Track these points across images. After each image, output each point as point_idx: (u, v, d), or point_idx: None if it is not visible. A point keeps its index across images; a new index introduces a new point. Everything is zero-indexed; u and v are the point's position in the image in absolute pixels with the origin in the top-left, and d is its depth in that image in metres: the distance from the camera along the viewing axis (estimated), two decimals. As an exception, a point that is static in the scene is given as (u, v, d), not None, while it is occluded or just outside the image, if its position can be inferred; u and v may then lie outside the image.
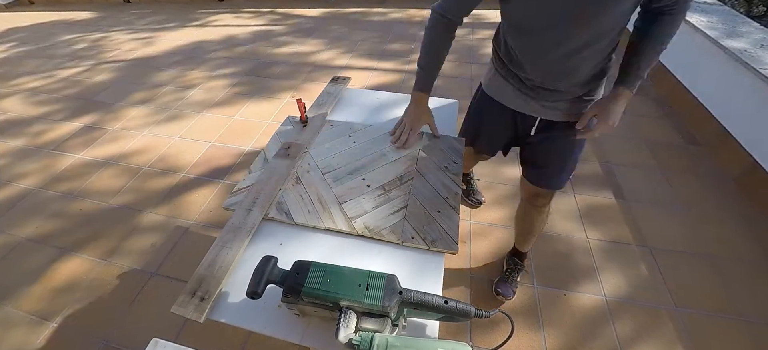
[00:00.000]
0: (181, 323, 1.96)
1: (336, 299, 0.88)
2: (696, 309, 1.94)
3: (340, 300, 0.87)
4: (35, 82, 4.68)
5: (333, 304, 0.88)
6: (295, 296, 0.91)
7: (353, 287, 0.89)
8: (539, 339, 1.86)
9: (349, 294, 0.88)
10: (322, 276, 0.92)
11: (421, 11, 6.09)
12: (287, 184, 1.40)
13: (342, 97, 1.94)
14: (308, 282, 0.91)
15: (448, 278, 2.09)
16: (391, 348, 0.81)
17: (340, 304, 0.88)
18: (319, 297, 0.88)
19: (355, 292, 0.88)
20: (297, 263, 0.98)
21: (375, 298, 0.87)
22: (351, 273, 0.93)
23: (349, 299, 0.87)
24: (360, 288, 0.89)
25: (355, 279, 0.91)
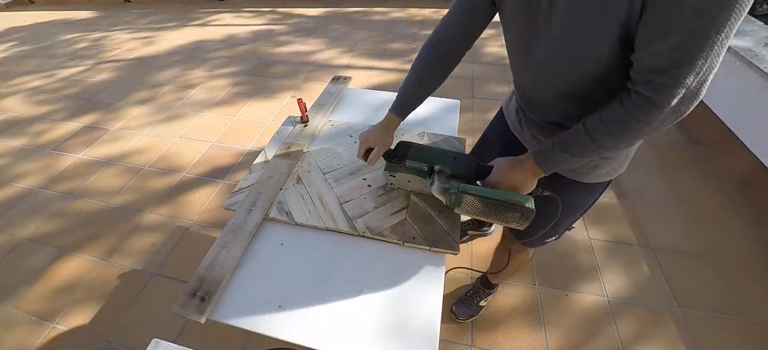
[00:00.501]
0: (181, 323, 1.95)
1: (432, 164, 1.21)
2: (698, 310, 1.94)
3: (435, 165, 1.20)
4: (36, 81, 4.67)
5: (427, 169, 1.22)
6: (399, 161, 1.26)
7: (445, 157, 1.21)
8: (541, 339, 1.86)
9: (442, 161, 1.20)
10: (421, 150, 1.27)
11: (421, 10, 6.08)
12: (288, 184, 1.39)
13: (343, 97, 1.94)
14: (412, 153, 1.25)
15: (450, 278, 2.09)
16: (475, 190, 1.04)
17: (434, 169, 1.20)
18: (421, 160, 1.23)
19: (448, 161, 1.20)
20: (400, 142, 1.32)
21: (461, 166, 1.18)
22: (442, 150, 1.27)
23: (441, 164, 1.20)
24: (449, 158, 1.20)
25: (445, 153, 1.24)
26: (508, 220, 1.04)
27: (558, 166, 1.02)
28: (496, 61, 4.34)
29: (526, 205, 0.98)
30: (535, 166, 1.05)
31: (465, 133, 3.11)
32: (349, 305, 1.05)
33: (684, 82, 0.76)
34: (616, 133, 0.89)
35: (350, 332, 0.99)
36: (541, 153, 1.03)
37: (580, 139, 0.95)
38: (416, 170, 1.24)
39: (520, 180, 1.08)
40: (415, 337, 0.98)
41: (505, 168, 1.11)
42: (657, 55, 0.76)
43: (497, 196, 1.01)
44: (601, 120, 0.90)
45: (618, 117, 0.88)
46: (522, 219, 1.02)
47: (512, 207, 1.00)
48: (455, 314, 1.94)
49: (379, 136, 1.29)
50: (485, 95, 3.69)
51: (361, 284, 1.10)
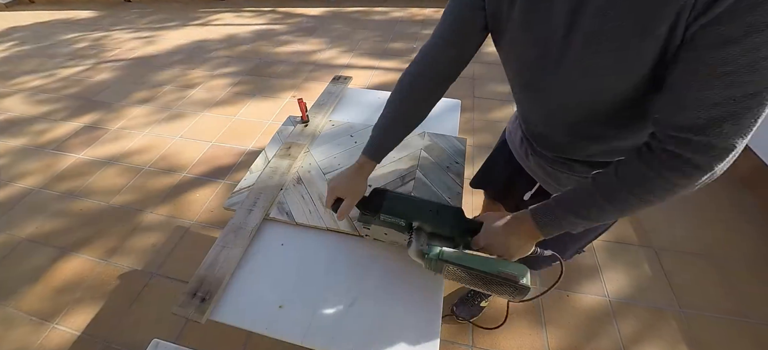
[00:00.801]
0: (182, 323, 1.95)
1: (410, 219, 1.03)
2: (700, 310, 1.93)
3: (413, 220, 1.03)
4: (36, 81, 4.67)
5: (405, 224, 1.04)
6: (372, 214, 1.07)
7: (425, 212, 1.04)
8: (542, 340, 1.85)
9: (421, 216, 1.02)
10: (397, 201, 1.08)
11: (422, 10, 6.08)
12: (288, 184, 1.39)
13: (343, 97, 1.93)
14: (387, 205, 1.06)
15: (450, 278, 2.08)
16: (457, 258, 0.89)
17: (412, 225, 1.03)
18: (396, 215, 1.04)
19: (428, 216, 1.02)
20: (374, 189, 1.14)
21: (444, 223, 1.01)
22: (422, 202, 1.09)
23: (420, 221, 1.02)
24: (431, 212, 1.03)
25: (426, 206, 1.06)
26: (498, 293, 0.88)
27: (562, 228, 0.85)
28: (496, 60, 4.32)
29: (519, 282, 0.84)
30: (534, 230, 0.89)
31: (466, 133, 3.11)
32: (349, 305, 1.04)
33: (726, 141, 0.63)
34: (640, 193, 0.74)
35: (351, 332, 0.98)
36: (542, 213, 0.88)
37: (592, 199, 0.80)
38: (392, 224, 1.06)
39: (514, 246, 0.91)
40: (416, 337, 0.97)
41: (497, 229, 0.94)
42: (698, 108, 0.63)
43: (484, 268, 0.86)
44: (619, 177, 0.76)
45: (640, 175, 0.74)
46: (515, 295, 0.86)
47: (503, 282, 0.85)
48: (456, 314, 1.93)
49: (349, 185, 1.11)
50: (486, 95, 3.69)
51: (361, 284, 1.09)
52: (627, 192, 0.75)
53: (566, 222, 0.84)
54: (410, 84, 1.07)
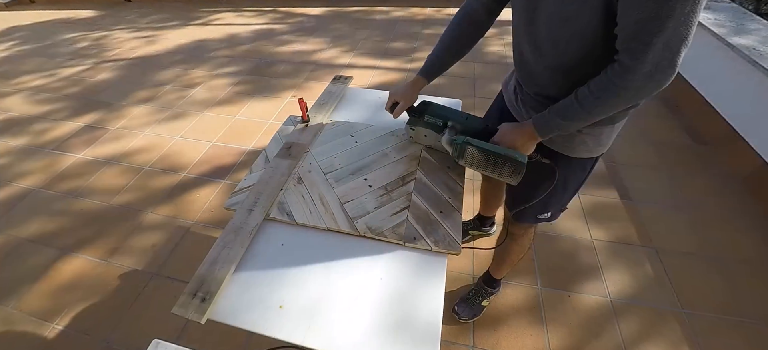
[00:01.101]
0: (182, 324, 1.95)
1: (445, 120, 1.38)
2: (703, 311, 1.92)
3: (448, 120, 1.38)
4: (37, 80, 4.67)
5: (442, 124, 1.40)
6: (419, 116, 1.44)
7: (457, 115, 1.39)
8: (543, 340, 1.85)
9: (455, 118, 1.38)
10: (438, 107, 1.43)
11: (423, 9, 6.07)
12: (289, 184, 1.39)
13: (344, 97, 1.93)
14: (430, 109, 1.42)
15: (451, 279, 2.08)
16: (477, 143, 1.20)
17: (447, 124, 1.37)
18: (436, 116, 1.41)
19: (459, 118, 1.38)
20: (423, 100, 1.51)
21: (470, 124, 1.35)
22: (456, 110, 1.43)
23: (453, 121, 1.37)
24: (462, 117, 1.38)
25: (458, 113, 1.41)
26: (502, 173, 1.18)
27: (553, 130, 1.13)
28: (498, 60, 4.33)
29: (517, 159, 1.14)
30: (533, 130, 1.16)
31: (467, 133, 3.10)
32: (350, 305, 1.04)
33: (653, 45, 0.85)
34: (601, 98, 0.99)
35: (351, 332, 0.98)
36: (539, 118, 1.15)
37: (572, 105, 1.05)
38: (432, 125, 1.42)
39: (519, 142, 1.20)
40: (416, 338, 0.97)
41: (508, 130, 1.24)
42: (632, 25, 0.86)
43: (495, 150, 1.17)
44: (589, 88, 1.00)
45: (602, 84, 0.97)
46: (515, 174, 1.16)
47: (507, 160, 1.15)
48: (457, 314, 1.93)
49: (405, 93, 1.43)
50: (487, 94, 3.68)
51: (362, 284, 1.09)
52: (592, 97, 1.00)
53: (554, 124, 1.11)
54: (457, 22, 1.37)
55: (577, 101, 1.03)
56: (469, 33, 1.38)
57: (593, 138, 1.23)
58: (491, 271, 1.93)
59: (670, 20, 0.81)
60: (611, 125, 1.21)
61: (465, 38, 1.39)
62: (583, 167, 1.34)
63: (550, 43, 1.08)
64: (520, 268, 2.11)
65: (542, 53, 1.13)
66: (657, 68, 0.89)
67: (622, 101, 0.98)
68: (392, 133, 1.61)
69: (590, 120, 1.06)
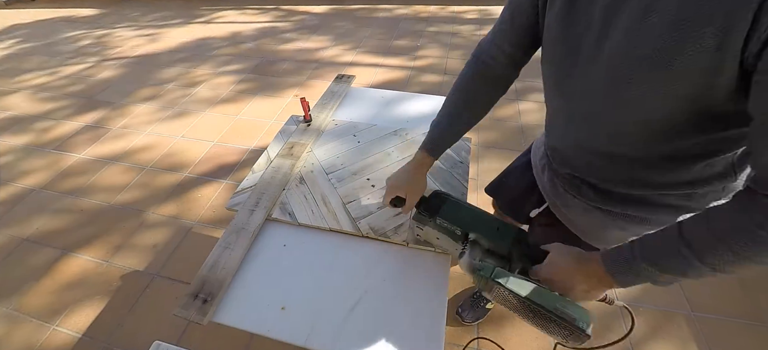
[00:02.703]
0: (183, 325, 1.93)
1: (468, 229, 0.98)
2: (714, 314, 1.89)
3: (471, 231, 0.98)
4: (39, 79, 4.67)
5: (461, 233, 1.00)
6: (430, 216, 1.03)
7: (486, 225, 0.98)
8: (547, 341, 1.83)
9: (481, 229, 0.97)
10: (458, 208, 1.04)
11: (427, 7, 6.05)
12: (291, 185, 1.38)
13: (346, 96, 1.92)
14: (445, 209, 1.03)
15: (454, 281, 2.06)
16: (512, 283, 0.80)
17: (469, 235, 0.98)
18: (455, 222, 1.00)
19: (487, 230, 0.97)
20: (435, 191, 1.11)
21: (504, 241, 0.94)
22: (484, 214, 1.03)
23: (478, 233, 0.97)
24: (492, 228, 0.97)
25: (488, 219, 1.00)
26: (549, 332, 0.81)
27: (640, 281, 0.72)
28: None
29: (577, 325, 0.75)
30: (605, 274, 0.76)
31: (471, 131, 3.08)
32: (352, 306, 1.03)
33: None
34: (735, 249, 0.60)
35: (354, 334, 0.98)
36: (615, 260, 0.75)
37: (677, 250, 0.66)
38: (447, 231, 1.03)
39: (581, 285, 0.81)
40: (420, 339, 0.97)
41: (564, 263, 0.84)
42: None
43: (541, 301, 0.77)
44: (711, 228, 0.62)
45: (740, 227, 0.59)
46: (570, 339, 0.78)
47: (558, 323, 0.76)
48: (461, 316, 1.90)
49: (411, 183, 1.09)
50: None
51: (364, 285, 1.08)
52: (722, 247, 0.60)
53: (645, 273, 0.70)
54: (468, 81, 1.03)
55: (686, 244, 0.65)
56: (487, 93, 1.04)
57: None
58: None
59: None
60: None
61: (481, 99, 1.05)
62: None
63: (591, 121, 0.80)
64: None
65: (578, 130, 0.86)
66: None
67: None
68: (395, 133, 1.60)
69: (706, 275, 0.65)
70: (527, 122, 3.22)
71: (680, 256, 0.65)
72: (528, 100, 3.47)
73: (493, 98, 1.04)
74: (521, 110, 3.37)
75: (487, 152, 2.89)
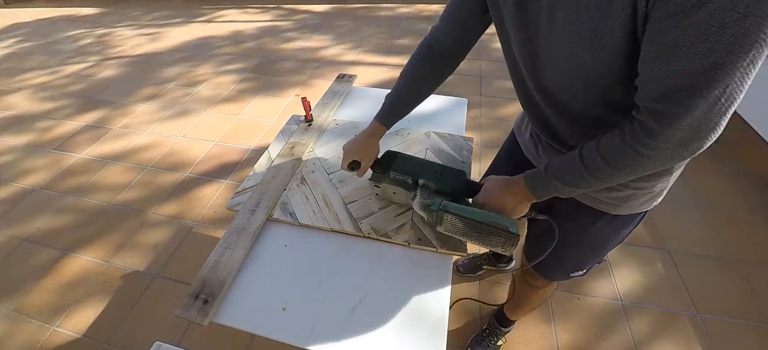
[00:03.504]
0: (184, 326, 1.93)
1: (416, 177, 1.15)
2: (719, 316, 1.88)
3: (419, 178, 1.15)
4: (40, 78, 4.67)
5: (412, 182, 1.17)
6: (383, 172, 1.21)
7: (430, 171, 1.16)
8: (552, 340, 1.82)
9: (427, 174, 1.15)
10: (406, 161, 1.21)
11: (429, 6, 6.04)
12: (292, 185, 1.37)
13: (347, 95, 1.91)
14: (396, 164, 1.20)
15: (456, 281, 2.06)
16: (456, 209, 0.99)
17: (418, 182, 1.15)
18: (405, 173, 1.17)
19: (433, 175, 1.14)
20: (387, 151, 1.27)
21: (447, 182, 1.12)
22: (429, 163, 1.21)
23: (426, 178, 1.14)
24: (435, 172, 1.15)
25: (432, 166, 1.18)
26: (491, 244, 0.97)
27: (550, 193, 0.92)
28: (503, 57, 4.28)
29: (509, 230, 0.92)
30: (525, 190, 0.95)
31: (473, 130, 3.09)
32: (354, 307, 1.03)
33: (694, 109, 0.63)
34: (612, 165, 0.78)
35: (355, 335, 0.97)
36: (533, 177, 0.94)
37: (575, 168, 0.84)
38: (400, 182, 1.18)
39: (510, 203, 0.98)
40: (422, 340, 0.96)
41: (495, 188, 1.02)
42: (659, 80, 0.65)
43: (479, 218, 0.95)
44: (599, 149, 0.79)
45: (616, 146, 0.76)
46: (506, 245, 0.95)
47: (495, 231, 0.94)
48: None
49: (364, 148, 1.22)
50: (494, 92, 3.65)
51: (366, 286, 1.08)
52: (602, 161, 0.79)
53: (553, 187, 0.89)
54: (419, 60, 1.16)
55: (582, 164, 0.82)
56: (437, 68, 1.17)
57: (645, 191, 0.99)
58: (506, 311, 1.74)
59: (716, 79, 0.59)
60: (669, 175, 0.97)
61: (430, 75, 1.18)
62: (628, 223, 1.10)
63: (562, 95, 0.89)
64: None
65: (555, 103, 0.93)
66: (695, 135, 0.67)
67: (640, 170, 0.77)
68: (396, 133, 1.59)
69: (596, 186, 0.85)
70: (529, 121, 3.20)
71: (577, 173, 0.84)
72: (530, 99, 3.46)
73: (442, 77, 1.18)
74: (523, 109, 3.35)
75: (490, 151, 2.88)
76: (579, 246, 1.16)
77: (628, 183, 0.95)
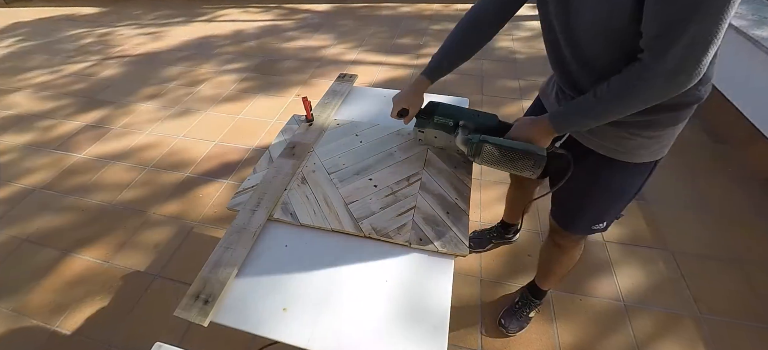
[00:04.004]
0: (184, 327, 1.92)
1: (457, 119, 1.34)
2: (723, 317, 1.86)
3: (460, 120, 1.33)
4: (42, 77, 4.67)
5: (453, 124, 1.35)
6: (428, 117, 1.40)
7: (469, 113, 1.36)
8: (553, 340, 1.81)
9: (467, 117, 1.34)
10: (447, 107, 1.39)
11: (431, 5, 6.04)
12: (293, 184, 1.37)
13: (348, 95, 1.90)
14: (440, 109, 1.38)
15: (458, 282, 2.05)
16: (494, 140, 1.17)
17: (459, 124, 1.33)
18: (447, 116, 1.37)
19: (471, 116, 1.34)
20: (430, 101, 1.45)
21: (483, 121, 1.32)
22: (467, 108, 1.42)
23: (465, 119, 1.33)
24: (473, 114, 1.35)
25: (469, 111, 1.38)
26: (522, 168, 1.16)
27: (570, 126, 1.12)
28: (506, 57, 4.29)
29: (537, 152, 1.12)
30: (548, 124, 1.13)
31: (474, 130, 3.07)
32: (354, 308, 1.02)
33: (677, 43, 0.80)
34: (619, 96, 0.95)
35: (356, 335, 0.97)
36: (556, 113, 1.12)
37: (590, 101, 1.01)
38: (443, 126, 1.38)
39: (536, 135, 1.15)
40: (423, 340, 0.96)
41: (523, 124, 1.20)
42: (655, 21, 0.81)
43: (513, 145, 1.14)
44: (609, 85, 0.96)
45: (622, 81, 0.93)
46: (535, 167, 1.14)
47: (525, 155, 1.13)
48: (505, 327, 1.83)
49: (411, 98, 1.39)
50: (495, 92, 3.64)
51: (367, 286, 1.07)
52: (611, 95, 0.96)
53: (571, 120, 1.09)
54: (466, 24, 1.30)
55: (595, 97, 0.99)
56: (478, 35, 1.32)
57: (654, 140, 1.14)
58: (537, 282, 1.81)
59: (696, 16, 0.75)
60: (673, 126, 1.12)
61: (473, 40, 1.32)
62: (641, 172, 1.24)
63: (590, 47, 1.02)
64: (528, 269, 2.07)
65: (582, 57, 1.07)
66: (680, 68, 0.83)
67: (640, 101, 0.94)
68: (398, 133, 1.59)
69: (608, 118, 1.02)
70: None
71: (590, 104, 1.02)
72: (531, 99, 3.43)
73: (482, 40, 1.33)
74: (525, 108, 3.33)
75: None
76: (596, 193, 1.29)
77: (636, 132, 1.12)
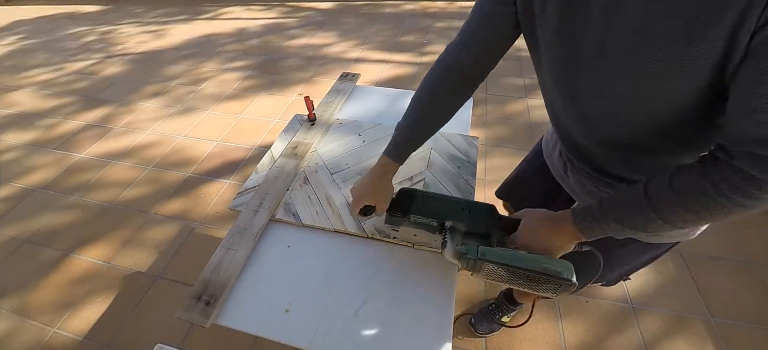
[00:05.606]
0: (186, 328, 1.92)
1: (442, 219, 0.99)
2: (735, 320, 1.84)
3: (445, 220, 0.99)
4: (44, 75, 4.67)
5: (437, 224, 1.00)
6: (402, 216, 1.03)
7: (457, 210, 1.00)
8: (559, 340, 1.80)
9: (454, 215, 0.99)
10: (427, 200, 1.04)
11: (435, 3, 6.02)
12: (295, 185, 1.36)
13: (351, 94, 1.89)
14: (416, 205, 1.03)
15: (461, 283, 2.03)
16: (498, 257, 0.84)
17: (445, 224, 0.98)
18: (427, 215, 1.01)
19: (460, 214, 0.99)
20: (402, 190, 1.10)
21: (478, 221, 0.97)
22: (453, 199, 1.06)
23: (453, 220, 0.98)
24: (464, 211, 1.00)
25: (458, 204, 1.03)
26: (540, 290, 0.85)
27: (605, 234, 0.80)
28: (510, 53, 4.18)
29: (563, 276, 0.79)
30: (574, 230, 0.83)
31: (479, 128, 3.07)
32: (358, 308, 1.02)
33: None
34: (692, 209, 0.67)
35: (359, 336, 0.96)
36: (584, 217, 0.82)
37: (640, 209, 0.73)
38: (424, 225, 1.03)
39: (556, 244, 0.87)
40: (427, 341, 0.95)
41: (537, 227, 0.89)
42: (760, 121, 0.57)
43: (528, 266, 0.82)
44: (674, 189, 0.68)
45: (698, 190, 0.65)
46: (559, 291, 0.83)
47: (546, 279, 0.81)
48: (473, 326, 1.83)
49: (376, 190, 1.06)
50: (500, 90, 3.62)
51: (370, 287, 1.06)
52: (681, 207, 0.68)
53: (609, 229, 0.78)
54: (435, 83, 1.01)
55: (650, 204, 0.71)
56: (457, 91, 1.02)
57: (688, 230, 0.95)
58: (515, 294, 1.74)
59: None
60: None
61: (450, 99, 1.02)
62: (653, 249, 1.06)
63: (608, 117, 0.80)
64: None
65: (596, 127, 0.85)
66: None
67: (730, 217, 0.66)
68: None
69: (666, 230, 0.74)
70: (536, 118, 3.19)
71: (642, 212, 0.72)
72: (537, 97, 3.43)
73: (462, 101, 1.04)
74: (530, 106, 3.33)
75: (496, 150, 2.86)
76: (610, 256, 1.03)
77: None
